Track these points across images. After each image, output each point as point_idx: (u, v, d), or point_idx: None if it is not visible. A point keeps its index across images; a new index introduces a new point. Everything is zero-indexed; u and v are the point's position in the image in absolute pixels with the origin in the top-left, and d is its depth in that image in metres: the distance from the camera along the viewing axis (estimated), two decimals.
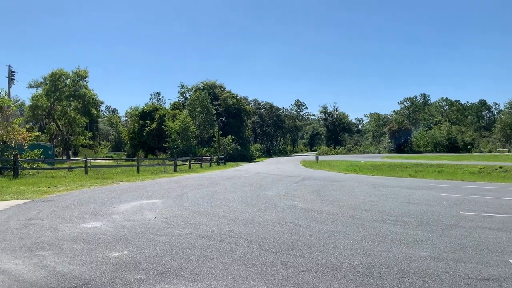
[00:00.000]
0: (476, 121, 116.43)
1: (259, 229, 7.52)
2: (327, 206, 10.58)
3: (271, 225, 7.89)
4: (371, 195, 13.19)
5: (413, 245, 6.43)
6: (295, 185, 16.64)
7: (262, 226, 7.82)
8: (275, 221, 8.37)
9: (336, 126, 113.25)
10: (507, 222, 8.48)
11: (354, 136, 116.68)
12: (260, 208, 10.03)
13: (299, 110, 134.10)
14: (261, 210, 9.73)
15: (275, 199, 11.82)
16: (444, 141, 78.31)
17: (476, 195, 13.45)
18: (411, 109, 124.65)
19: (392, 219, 8.74)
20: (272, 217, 8.78)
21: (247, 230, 7.36)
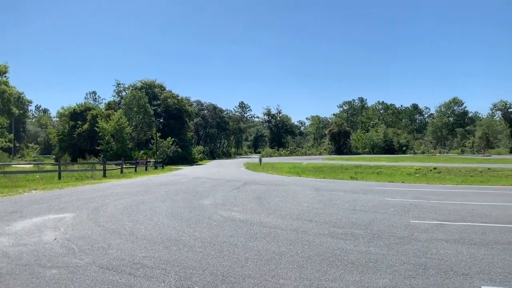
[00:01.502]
0: (410, 124, 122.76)
1: (183, 253, 6.08)
2: (268, 217, 9.36)
3: (200, 246, 6.48)
4: (316, 201, 12.21)
5: (368, 268, 5.34)
6: (235, 191, 15.32)
7: (189, 248, 6.38)
8: (206, 239, 6.97)
9: (280, 129, 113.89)
10: (460, 231, 7.76)
11: (296, 138, 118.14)
12: (191, 223, 8.58)
13: (243, 112, 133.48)
14: (191, 225, 8.27)
15: (210, 210, 10.40)
16: (381, 143, 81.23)
17: (420, 199, 12.96)
18: (349, 112, 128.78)
19: (340, 232, 7.69)
20: (204, 235, 7.37)
21: (168, 256, 5.89)
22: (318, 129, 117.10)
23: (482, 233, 7.60)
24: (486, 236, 7.33)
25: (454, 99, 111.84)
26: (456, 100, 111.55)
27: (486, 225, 8.36)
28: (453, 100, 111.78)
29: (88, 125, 48.63)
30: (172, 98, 62.05)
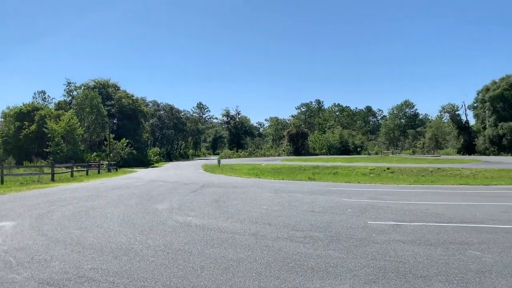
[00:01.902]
0: (364, 126, 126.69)
1: (134, 263, 5.67)
2: (226, 221, 9.07)
3: (152, 255, 6.08)
4: (274, 204, 12.07)
5: (328, 274, 5.20)
6: (192, 194, 14.89)
7: (140, 257, 5.97)
8: (159, 247, 6.57)
9: (239, 130, 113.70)
10: (416, 232, 7.85)
11: (255, 140, 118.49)
12: (144, 229, 8.12)
13: (201, 113, 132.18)
14: (144, 232, 7.82)
15: (165, 215, 9.96)
16: (337, 144, 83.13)
17: (376, 199, 13.17)
18: (307, 114, 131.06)
19: (299, 235, 7.55)
20: (157, 242, 6.96)
21: (117, 267, 5.46)
22: (276, 130, 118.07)
23: (437, 233, 7.73)
24: (441, 236, 7.45)
25: (405, 101, 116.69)
26: (408, 103, 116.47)
27: (440, 225, 8.54)
28: (404, 103, 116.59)
29: (35, 126, 45.99)
30: (127, 98, 60.14)
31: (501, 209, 10.71)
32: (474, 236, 7.40)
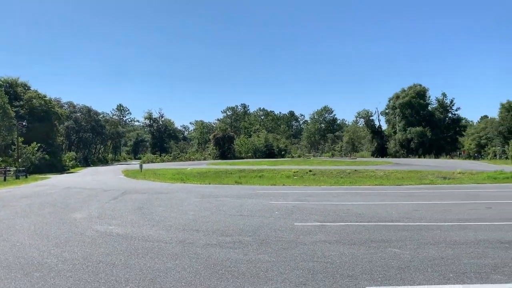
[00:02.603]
0: (287, 130, 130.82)
1: (48, 279, 5.12)
2: (151, 229, 8.65)
3: (70, 270, 5.55)
4: (202, 209, 11.83)
5: (259, 279, 5.15)
6: (113, 201, 14.05)
7: (56, 273, 5.42)
8: (78, 260, 6.04)
9: (162, 133, 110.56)
10: (340, 232, 8.16)
11: (180, 143, 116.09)
12: (59, 241, 7.43)
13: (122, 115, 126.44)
14: (60, 245, 7.15)
15: (84, 225, 9.24)
16: (262, 147, 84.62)
17: (301, 201, 13.53)
18: (233, 118, 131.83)
19: (228, 240, 7.43)
20: (75, 255, 6.39)
21: (28, 285, 4.89)
22: (202, 134, 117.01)
23: (359, 232, 8.10)
24: (363, 235, 7.82)
25: (325, 107, 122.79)
26: (327, 108, 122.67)
27: (362, 224, 8.98)
28: (324, 108, 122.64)
29: None
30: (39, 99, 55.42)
31: (413, 208, 11.60)
32: (392, 234, 7.88)
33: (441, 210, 11.11)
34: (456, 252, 6.36)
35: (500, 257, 6.02)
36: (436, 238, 7.38)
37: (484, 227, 8.45)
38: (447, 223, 8.96)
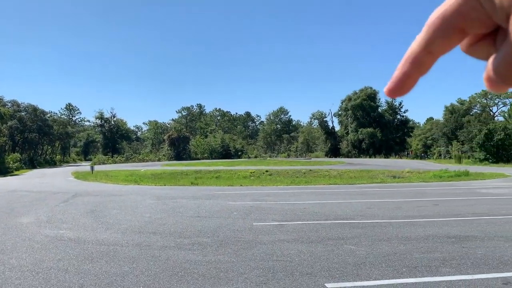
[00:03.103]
0: (244, 130, 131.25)
1: None
2: (105, 233, 8.35)
3: (18, 277, 5.24)
4: (158, 211, 11.58)
5: (219, 279, 5.13)
6: (63, 204, 13.41)
7: (2, 280, 5.10)
8: (26, 267, 5.71)
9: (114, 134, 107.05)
10: (298, 231, 8.30)
11: (133, 144, 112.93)
12: (5, 247, 6.99)
13: (71, 115, 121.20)
14: (5, 251, 6.73)
15: (32, 230, 8.74)
16: (218, 148, 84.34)
17: (259, 201, 13.62)
18: (188, 118, 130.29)
19: (187, 242, 7.34)
20: (23, 261, 6.04)
21: None
22: (156, 134, 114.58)
23: (316, 230, 8.28)
24: (320, 233, 8.00)
25: (280, 108, 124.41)
26: (282, 109, 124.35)
27: (318, 222, 9.18)
28: (280, 109, 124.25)
29: None
30: None
31: (367, 206, 12.03)
32: (348, 231, 8.12)
33: (393, 207, 11.61)
34: (407, 247, 6.67)
35: (447, 251, 6.39)
36: (388, 235, 7.70)
37: (432, 223, 8.93)
38: (398, 220, 9.37)
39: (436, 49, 0.34)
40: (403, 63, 0.36)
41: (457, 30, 0.33)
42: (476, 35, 0.34)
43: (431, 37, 0.34)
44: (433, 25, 0.34)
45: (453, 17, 0.32)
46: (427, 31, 0.34)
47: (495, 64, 0.31)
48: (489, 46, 0.34)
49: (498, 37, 0.33)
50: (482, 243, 6.89)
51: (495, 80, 0.31)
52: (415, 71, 0.36)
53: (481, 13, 0.31)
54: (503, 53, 0.30)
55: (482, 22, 0.32)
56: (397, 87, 0.37)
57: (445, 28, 0.33)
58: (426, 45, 0.34)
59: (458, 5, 0.32)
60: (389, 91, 0.38)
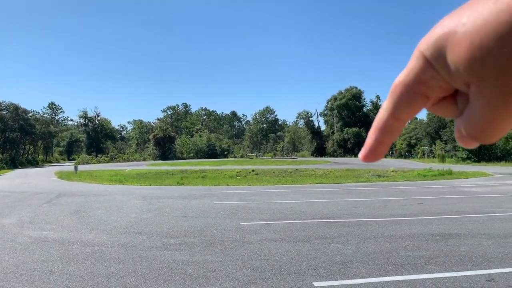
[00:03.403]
0: (230, 130, 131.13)
1: None
2: (90, 233, 8.24)
3: (1, 280, 5.12)
4: (144, 211, 11.47)
5: (207, 279, 5.11)
6: (47, 205, 13.18)
7: None
8: (9, 269, 5.59)
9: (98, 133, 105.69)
10: (285, 230, 8.32)
11: (118, 144, 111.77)
12: None
13: (53, 114, 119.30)
14: None
15: (14, 231, 8.57)
16: (204, 147, 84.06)
17: (246, 200, 13.61)
18: (173, 117, 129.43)
19: (174, 242, 7.29)
20: (6, 263, 5.92)
21: None
22: (141, 134, 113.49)
23: (303, 229, 8.31)
24: (307, 232, 8.03)
25: (266, 108, 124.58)
26: (269, 109, 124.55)
27: (305, 221, 9.22)
28: (266, 109, 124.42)
29: None
30: None
31: (353, 204, 12.13)
32: (335, 230, 8.18)
33: (378, 206, 11.73)
34: (393, 245, 6.74)
35: (432, 248, 6.48)
36: (374, 233, 7.78)
37: (417, 221, 9.05)
38: (384, 219, 9.47)
39: (402, 115, 0.36)
40: (373, 130, 0.38)
41: (419, 96, 0.34)
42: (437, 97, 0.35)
43: (396, 104, 0.35)
44: (397, 93, 0.35)
45: (415, 85, 0.34)
46: (391, 99, 0.35)
47: (465, 126, 0.32)
48: (450, 105, 0.35)
49: (459, 98, 0.34)
50: (466, 240, 7.02)
51: (469, 139, 0.33)
52: (386, 138, 0.37)
53: (440, 80, 0.32)
54: (469, 116, 0.31)
55: (442, 88, 0.33)
56: (371, 153, 0.38)
57: (408, 95, 0.34)
58: (393, 112, 0.36)
59: (418, 75, 0.33)
60: (364, 158, 0.39)
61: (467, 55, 0.29)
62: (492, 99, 0.29)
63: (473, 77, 0.29)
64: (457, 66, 0.30)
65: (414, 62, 0.33)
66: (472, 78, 0.29)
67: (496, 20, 0.27)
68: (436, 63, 0.32)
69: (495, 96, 0.28)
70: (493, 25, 0.27)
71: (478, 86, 0.29)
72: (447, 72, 0.31)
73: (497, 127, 0.30)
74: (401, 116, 0.36)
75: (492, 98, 0.28)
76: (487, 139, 0.32)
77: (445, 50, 0.30)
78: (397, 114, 0.36)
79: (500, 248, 6.46)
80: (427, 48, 0.32)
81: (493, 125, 0.30)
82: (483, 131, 0.31)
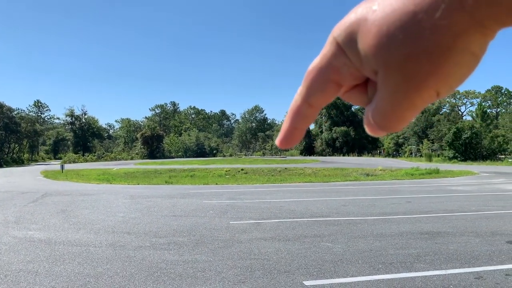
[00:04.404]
0: (219, 129, 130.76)
1: None
2: (78, 233, 8.10)
3: None
4: (132, 210, 11.34)
5: (197, 279, 5.05)
6: (32, 205, 12.95)
7: None
8: None
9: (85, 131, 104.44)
10: (274, 229, 8.30)
11: (105, 142, 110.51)
12: None
13: (39, 112, 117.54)
14: None
15: None
16: (193, 146, 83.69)
17: (235, 199, 13.56)
18: (162, 116, 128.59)
19: (162, 242, 7.21)
20: None
21: None
22: (129, 132, 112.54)
23: (292, 228, 8.30)
24: (296, 231, 8.02)
25: (255, 106, 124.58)
26: (258, 108, 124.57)
27: (295, 220, 9.21)
28: (255, 108, 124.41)
29: None
30: None
31: (342, 203, 12.17)
32: (324, 228, 8.19)
33: (367, 204, 11.79)
34: (382, 244, 6.77)
35: (421, 247, 6.52)
36: (364, 232, 7.80)
37: (405, 219, 9.12)
38: (373, 217, 9.52)
39: (315, 102, 0.36)
40: (288, 116, 0.38)
41: (332, 83, 0.35)
42: (349, 84, 0.35)
43: (309, 90, 0.35)
44: (310, 78, 0.35)
45: (327, 71, 0.34)
46: (305, 84, 0.36)
47: (372, 114, 0.33)
48: (361, 94, 0.35)
49: (369, 86, 0.35)
50: (454, 238, 7.09)
51: (375, 127, 0.33)
52: (301, 123, 0.37)
53: (351, 67, 0.33)
54: (376, 104, 0.32)
55: (353, 75, 0.34)
56: (286, 138, 0.38)
57: (321, 81, 0.35)
58: (306, 98, 0.36)
59: (330, 60, 0.34)
60: (280, 143, 0.39)
61: (375, 42, 0.29)
62: (396, 87, 0.29)
63: (379, 64, 0.30)
64: (366, 53, 0.30)
65: (328, 47, 0.34)
66: (379, 65, 0.30)
67: (402, 8, 0.28)
68: (347, 50, 0.32)
69: (398, 83, 0.29)
70: (399, 13, 0.28)
71: (383, 73, 0.30)
72: (357, 59, 0.32)
73: (400, 115, 0.31)
74: (314, 102, 0.36)
75: (395, 85, 0.29)
76: (391, 127, 0.32)
77: (356, 37, 0.31)
78: (310, 100, 0.36)
79: (488, 245, 6.53)
80: (339, 34, 0.33)
81: (396, 113, 0.31)
82: (387, 119, 0.32)
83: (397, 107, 0.30)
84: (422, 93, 0.29)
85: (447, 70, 0.28)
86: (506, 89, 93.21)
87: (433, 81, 0.28)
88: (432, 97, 0.30)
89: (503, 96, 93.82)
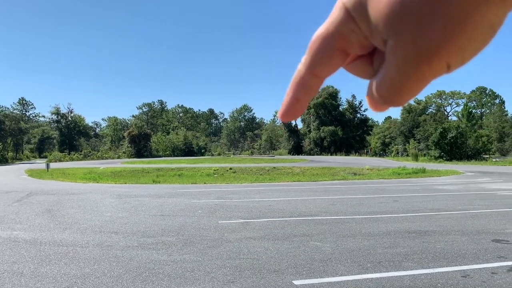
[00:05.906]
0: (207, 128, 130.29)
1: None
2: (64, 233, 7.98)
3: None
4: (119, 210, 11.22)
5: (186, 279, 5.01)
6: (16, 204, 12.71)
7: None
8: None
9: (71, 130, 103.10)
10: (264, 228, 8.30)
11: (91, 141, 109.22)
12: None
13: (24, 110, 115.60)
14: None
15: None
16: (181, 145, 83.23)
17: (224, 199, 13.52)
18: (149, 114, 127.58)
19: (150, 241, 7.14)
20: None
21: None
22: (116, 131, 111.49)
23: (281, 227, 8.30)
24: (285, 230, 8.03)
25: (244, 106, 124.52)
26: (246, 107, 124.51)
27: (284, 219, 9.22)
28: (243, 107, 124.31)
29: None
30: None
31: (330, 202, 12.23)
32: (313, 228, 8.21)
33: (355, 204, 11.87)
34: (371, 243, 6.82)
35: (409, 245, 6.59)
36: (352, 231, 7.85)
37: (393, 218, 9.20)
38: (361, 216, 9.58)
39: (320, 71, 0.35)
40: (291, 86, 0.36)
41: (338, 52, 0.33)
42: (355, 54, 0.34)
43: (315, 59, 0.34)
44: (316, 46, 0.34)
45: (334, 38, 0.33)
46: (310, 53, 0.34)
47: (377, 86, 0.31)
48: (366, 65, 0.34)
49: (375, 58, 0.33)
50: (441, 237, 7.17)
51: (378, 101, 0.32)
52: (304, 95, 0.36)
53: (359, 35, 0.32)
54: (383, 75, 0.31)
55: (361, 44, 0.33)
56: (289, 111, 0.37)
57: (327, 49, 0.33)
58: (311, 67, 0.35)
59: (338, 27, 0.32)
60: (282, 116, 0.38)
61: (386, 9, 0.28)
62: (406, 57, 0.28)
63: (390, 33, 0.29)
64: (376, 20, 0.29)
65: (336, 13, 0.32)
66: (390, 33, 0.29)
67: None
68: (357, 16, 0.31)
69: (409, 54, 0.28)
70: None
71: (394, 42, 0.29)
72: (367, 26, 0.31)
73: (409, 87, 0.30)
74: (319, 72, 0.35)
75: (405, 56, 0.28)
76: (396, 100, 0.31)
77: (366, 3, 0.30)
78: (315, 70, 0.34)
79: (474, 244, 6.62)
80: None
81: (405, 85, 0.30)
82: (394, 91, 0.31)
83: (406, 79, 0.29)
84: (433, 64, 0.28)
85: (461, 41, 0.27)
86: (490, 90, 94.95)
87: (446, 53, 0.27)
88: (442, 69, 0.29)
89: (488, 96, 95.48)
